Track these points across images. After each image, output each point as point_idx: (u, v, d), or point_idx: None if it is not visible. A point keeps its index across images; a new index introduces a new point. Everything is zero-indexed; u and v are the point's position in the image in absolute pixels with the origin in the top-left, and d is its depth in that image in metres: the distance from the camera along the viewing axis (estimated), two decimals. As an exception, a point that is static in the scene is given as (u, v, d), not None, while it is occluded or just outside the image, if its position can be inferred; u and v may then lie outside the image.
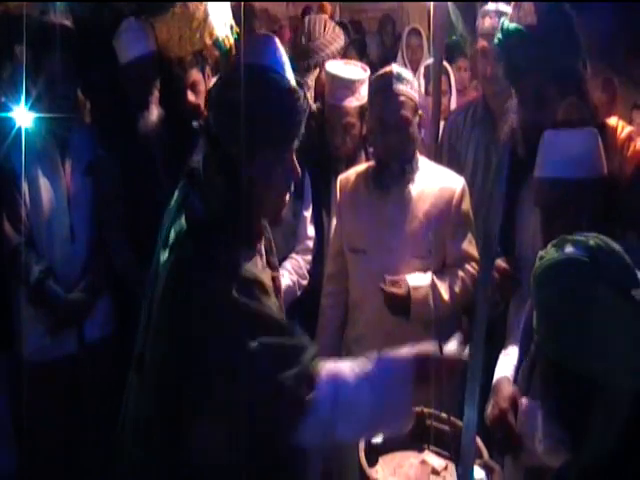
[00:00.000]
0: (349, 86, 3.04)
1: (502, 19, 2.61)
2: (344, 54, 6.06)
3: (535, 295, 1.59)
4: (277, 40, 1.85)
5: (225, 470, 1.71)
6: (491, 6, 3.30)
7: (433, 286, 2.55)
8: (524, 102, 2.58)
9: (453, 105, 4.26)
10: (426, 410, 2.09)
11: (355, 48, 6.14)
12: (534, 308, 1.61)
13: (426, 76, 4.67)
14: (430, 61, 4.51)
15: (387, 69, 2.72)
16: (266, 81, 1.75)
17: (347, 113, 3.05)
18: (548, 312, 1.55)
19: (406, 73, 2.72)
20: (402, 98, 2.65)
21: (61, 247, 3.00)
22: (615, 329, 1.44)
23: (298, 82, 1.83)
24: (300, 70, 3.57)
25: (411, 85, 2.70)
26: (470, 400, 1.58)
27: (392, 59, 5.63)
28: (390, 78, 2.66)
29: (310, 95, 3.61)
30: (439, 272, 2.69)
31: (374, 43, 7.57)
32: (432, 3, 3.79)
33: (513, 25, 2.50)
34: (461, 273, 2.71)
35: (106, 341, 3.10)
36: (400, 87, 2.66)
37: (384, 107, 2.66)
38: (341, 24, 8.36)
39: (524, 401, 2.11)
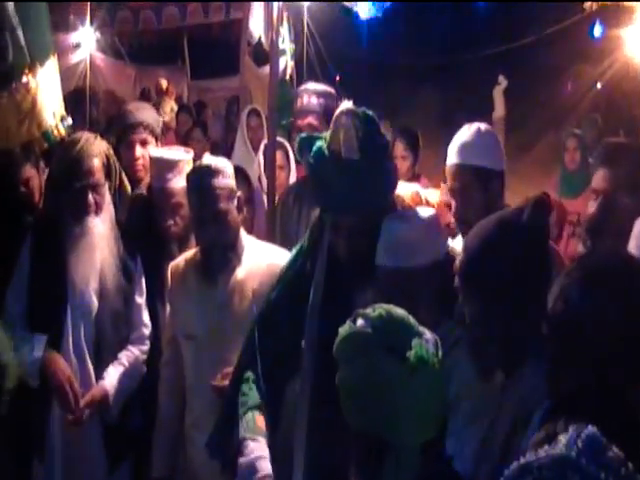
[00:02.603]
0: (174, 167, 3.04)
1: (319, 143, 2.37)
2: (186, 137, 6.18)
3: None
4: None
5: None
6: (306, 85, 3.50)
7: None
8: (341, 232, 2.39)
9: (292, 180, 4.39)
10: None
11: (198, 130, 6.23)
12: None
13: (265, 155, 4.77)
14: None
15: (200, 163, 2.75)
16: None
17: (174, 194, 3.03)
18: (342, 385, 1.66)
19: (221, 163, 2.75)
20: (217, 192, 2.67)
21: None
22: (396, 391, 1.57)
23: None
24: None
25: (224, 174, 2.71)
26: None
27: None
28: (203, 174, 2.69)
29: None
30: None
31: (219, 124, 7.68)
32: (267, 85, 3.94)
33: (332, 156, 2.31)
34: None
35: None
36: (214, 181, 2.67)
37: (200, 203, 2.69)
38: (184, 107, 8.54)
39: None
